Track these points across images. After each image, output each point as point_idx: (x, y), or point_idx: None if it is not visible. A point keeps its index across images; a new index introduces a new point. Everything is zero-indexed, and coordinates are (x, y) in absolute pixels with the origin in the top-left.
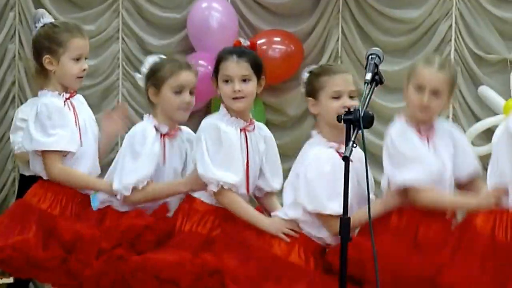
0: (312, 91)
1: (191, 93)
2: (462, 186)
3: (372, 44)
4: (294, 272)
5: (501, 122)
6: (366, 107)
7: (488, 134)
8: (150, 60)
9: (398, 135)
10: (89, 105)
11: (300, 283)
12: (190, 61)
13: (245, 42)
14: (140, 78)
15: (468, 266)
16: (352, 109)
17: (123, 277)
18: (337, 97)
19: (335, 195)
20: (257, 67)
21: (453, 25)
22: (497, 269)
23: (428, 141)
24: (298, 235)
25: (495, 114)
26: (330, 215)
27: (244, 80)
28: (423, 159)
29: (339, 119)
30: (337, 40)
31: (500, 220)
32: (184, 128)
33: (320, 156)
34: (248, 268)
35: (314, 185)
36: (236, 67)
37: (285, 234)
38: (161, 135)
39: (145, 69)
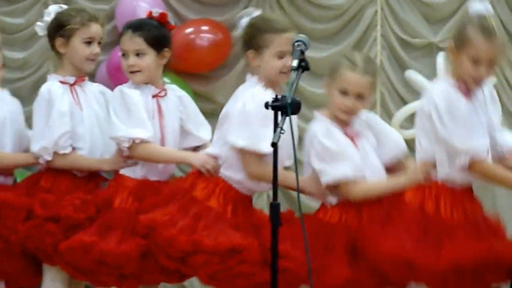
0: (255, 46)
1: (99, 43)
2: (392, 168)
3: (299, 31)
4: (211, 215)
5: None
6: (294, 94)
7: (415, 117)
8: (53, 9)
9: (322, 133)
10: (20, 98)
11: (215, 227)
12: (97, 13)
13: (156, 13)
14: (41, 27)
15: (397, 236)
16: (279, 96)
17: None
18: (281, 56)
19: (268, 136)
20: (154, 41)
21: (379, 10)
22: (427, 239)
23: (352, 140)
24: (219, 177)
25: (422, 97)
26: (258, 155)
27: (138, 54)
28: (349, 154)
29: (266, 106)
30: None
31: (429, 193)
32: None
33: (259, 94)
34: (169, 210)
35: (251, 121)
36: (129, 41)
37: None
38: (70, 85)
39: (48, 18)
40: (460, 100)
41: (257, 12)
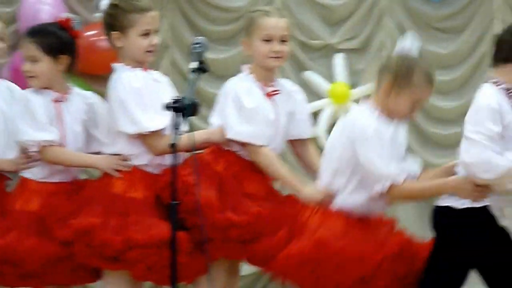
0: (118, 26)
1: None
2: (293, 145)
3: (199, 33)
4: (136, 205)
5: (326, 105)
6: (193, 95)
7: (313, 117)
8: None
9: (243, 89)
10: None
11: (144, 214)
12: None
13: (60, 18)
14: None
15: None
16: (179, 98)
17: None
18: (146, 35)
19: (151, 112)
20: (49, 48)
21: None
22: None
23: (269, 96)
24: (131, 168)
25: (320, 98)
26: (153, 133)
27: (33, 61)
28: (264, 117)
29: (166, 107)
30: (165, 31)
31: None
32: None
33: (126, 77)
34: (96, 212)
35: (128, 106)
36: (24, 48)
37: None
38: None
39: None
40: (385, 129)
41: None
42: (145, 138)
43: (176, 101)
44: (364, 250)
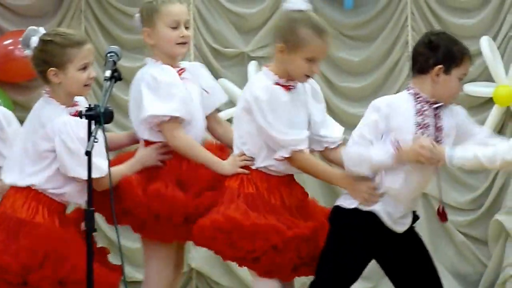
0: (55, 62)
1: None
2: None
3: (115, 42)
4: (41, 230)
5: None
6: (106, 103)
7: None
8: None
9: (157, 71)
10: None
11: (49, 238)
12: None
13: None
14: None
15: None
16: (93, 106)
17: None
18: (84, 68)
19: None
20: None
21: (191, 20)
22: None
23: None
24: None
25: (234, 105)
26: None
27: None
28: (182, 92)
29: (80, 115)
30: None
31: (247, 179)
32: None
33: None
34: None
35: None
36: None
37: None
38: None
39: None
40: (281, 94)
41: (42, 30)
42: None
43: (90, 109)
44: (277, 225)
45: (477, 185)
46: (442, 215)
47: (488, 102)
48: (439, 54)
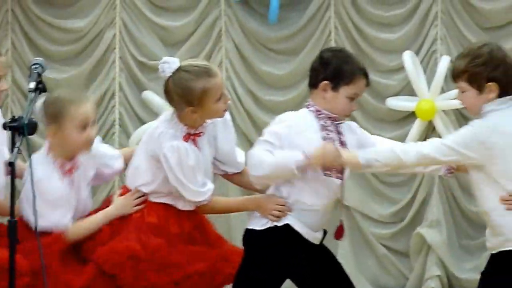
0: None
1: None
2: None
3: (41, 54)
4: None
5: None
6: (30, 114)
7: None
8: None
9: (43, 176)
10: None
11: None
12: None
13: None
14: None
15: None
16: (16, 117)
17: None
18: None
19: None
20: None
21: (117, 33)
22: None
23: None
24: None
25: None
26: None
27: None
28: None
29: (4, 126)
30: (7, 51)
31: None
32: None
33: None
34: None
35: None
36: None
37: None
38: None
39: None
40: (190, 154)
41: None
42: None
43: (14, 120)
44: (181, 259)
45: (399, 198)
46: (338, 232)
47: (411, 116)
48: (328, 71)
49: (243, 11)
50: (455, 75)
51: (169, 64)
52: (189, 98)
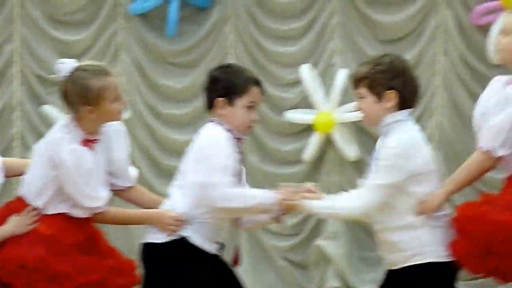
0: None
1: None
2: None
3: None
4: None
5: None
6: None
7: None
8: None
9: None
10: None
11: None
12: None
13: None
14: None
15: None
16: None
17: None
18: None
19: None
20: None
21: (17, 47)
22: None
23: None
24: None
25: None
26: None
27: None
28: None
29: None
30: None
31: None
32: None
33: None
34: None
35: None
36: None
37: None
38: None
39: None
40: (87, 158)
41: None
42: None
43: None
44: (73, 270)
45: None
46: (234, 259)
47: (309, 129)
48: (219, 88)
49: (142, 24)
50: (355, 80)
51: (66, 64)
52: (86, 96)
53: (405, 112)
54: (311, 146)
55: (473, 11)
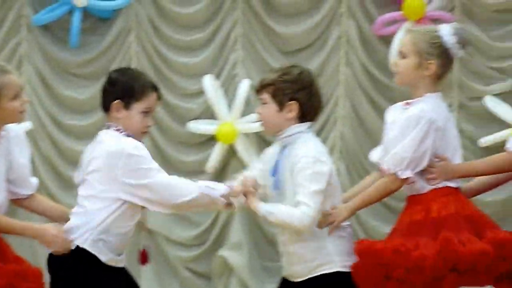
0: None
1: None
2: None
3: None
4: None
5: None
6: None
7: None
8: None
9: None
10: None
11: None
12: None
13: None
14: None
15: None
16: None
17: None
18: None
19: None
20: None
21: None
22: None
23: None
24: None
25: None
26: None
27: None
28: None
29: None
30: None
31: None
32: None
33: None
34: None
35: None
36: None
37: None
38: None
39: None
40: None
41: None
42: None
43: None
44: None
45: (201, 221)
46: (143, 257)
47: (211, 139)
48: (118, 90)
49: (44, 36)
50: (261, 86)
51: None
52: None
53: (306, 124)
54: (214, 156)
55: (375, 21)
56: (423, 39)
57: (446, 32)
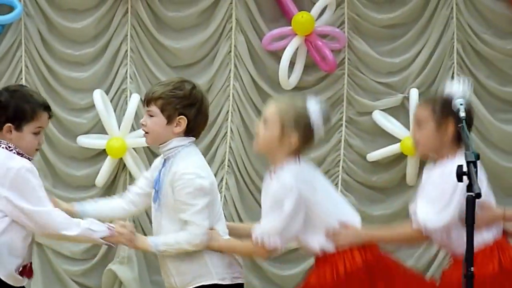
0: None
1: None
2: None
3: None
4: None
5: None
6: None
7: None
8: None
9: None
10: None
11: None
12: None
13: None
14: None
15: None
16: None
17: None
18: None
19: None
20: None
21: None
22: None
23: None
24: None
25: None
26: None
27: None
28: None
29: None
30: None
31: None
32: None
33: None
34: None
35: None
36: None
37: None
38: None
39: None
40: None
41: None
42: None
43: None
44: None
45: None
46: (28, 271)
47: (102, 153)
48: (8, 113)
49: None
50: (149, 98)
51: None
52: None
53: (188, 139)
54: (104, 171)
55: (264, 36)
56: (289, 111)
57: (313, 108)
